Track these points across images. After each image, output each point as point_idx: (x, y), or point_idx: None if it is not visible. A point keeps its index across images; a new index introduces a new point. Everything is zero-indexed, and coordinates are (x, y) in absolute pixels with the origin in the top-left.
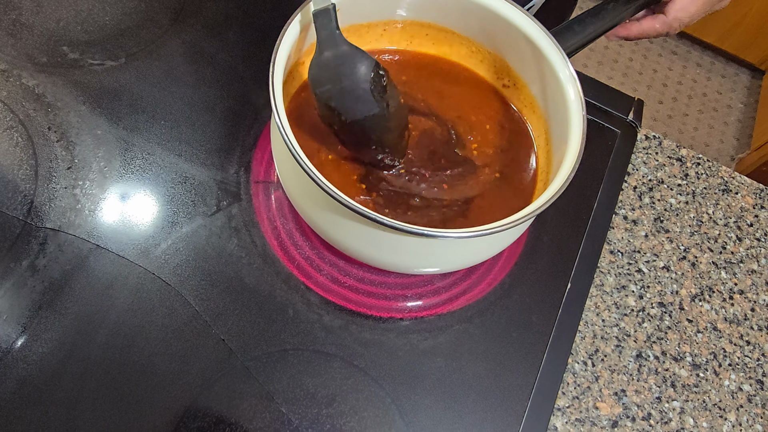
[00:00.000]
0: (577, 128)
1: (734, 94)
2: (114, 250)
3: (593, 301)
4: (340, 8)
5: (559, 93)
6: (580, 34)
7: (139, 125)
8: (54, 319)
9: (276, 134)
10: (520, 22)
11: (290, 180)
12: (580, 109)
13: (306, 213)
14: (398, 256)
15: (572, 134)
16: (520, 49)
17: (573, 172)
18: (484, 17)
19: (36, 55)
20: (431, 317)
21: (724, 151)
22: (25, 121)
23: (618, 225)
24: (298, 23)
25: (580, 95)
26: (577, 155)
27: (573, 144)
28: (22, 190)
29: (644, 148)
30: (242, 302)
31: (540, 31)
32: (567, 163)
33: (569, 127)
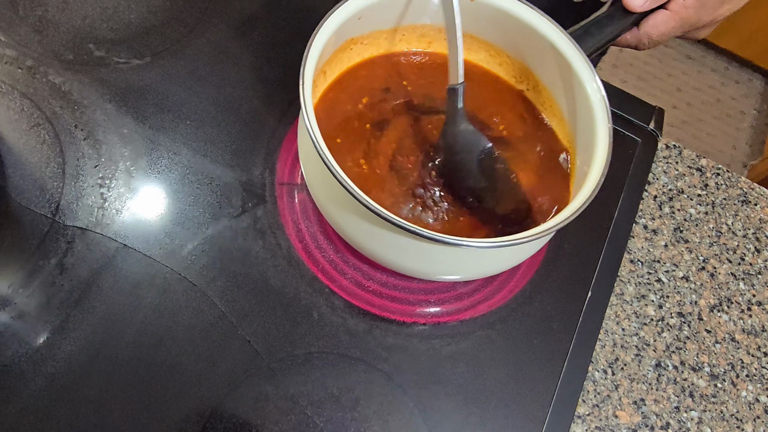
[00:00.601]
0: (603, 144)
1: (748, 100)
2: (141, 250)
3: (613, 310)
4: (362, 16)
5: (586, 105)
6: (596, 36)
7: (164, 124)
8: (82, 318)
9: (304, 138)
10: (544, 29)
11: (317, 182)
12: (607, 123)
13: (331, 216)
14: (421, 263)
15: (598, 150)
16: (543, 55)
17: (597, 189)
18: (506, 22)
19: (62, 52)
20: (454, 323)
21: (736, 158)
22: (52, 118)
23: (638, 234)
24: (331, 23)
25: (607, 111)
26: (601, 171)
27: (598, 159)
28: (50, 188)
29: (664, 158)
30: (267, 304)
31: (565, 39)
32: (591, 178)
33: (595, 142)
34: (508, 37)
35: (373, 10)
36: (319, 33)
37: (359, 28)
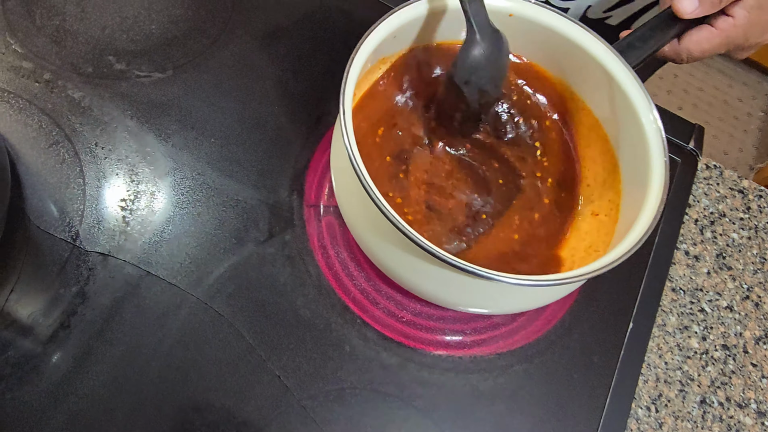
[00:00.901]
0: (657, 184)
1: (755, 102)
2: (165, 278)
3: (655, 342)
4: (396, 35)
5: (638, 138)
6: (639, 50)
7: (188, 143)
8: (105, 350)
9: (341, 162)
10: (592, 48)
11: (355, 215)
12: (663, 159)
13: (369, 246)
14: (463, 297)
15: (651, 190)
16: (589, 76)
17: (648, 232)
18: (548, 39)
19: (81, 65)
20: (491, 356)
21: (742, 161)
22: (72, 136)
23: (680, 261)
24: (368, 46)
25: (664, 148)
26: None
27: (651, 201)
28: (70, 211)
29: (705, 179)
30: (297, 336)
31: (617, 60)
32: (642, 222)
33: (647, 180)
34: (550, 57)
35: (408, 27)
36: (355, 59)
37: (393, 46)
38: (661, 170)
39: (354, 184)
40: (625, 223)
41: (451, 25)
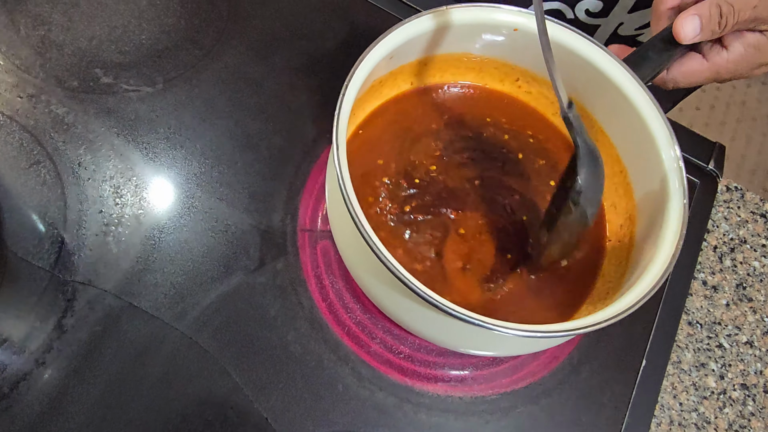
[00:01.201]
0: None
1: None
2: (148, 309)
3: (670, 381)
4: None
5: (657, 174)
6: (653, 62)
7: (176, 163)
8: (82, 390)
9: (338, 208)
10: (612, 72)
11: (355, 258)
12: (682, 202)
13: (359, 278)
14: (467, 342)
15: (666, 232)
16: (606, 100)
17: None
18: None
19: (66, 78)
20: (493, 396)
21: (761, 164)
22: (54, 155)
23: (697, 291)
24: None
25: (684, 190)
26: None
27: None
28: (50, 236)
29: (725, 201)
30: (287, 374)
31: (639, 87)
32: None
33: (663, 221)
34: (565, 76)
35: (405, 47)
36: (348, 88)
37: (389, 66)
38: (677, 217)
39: (350, 227)
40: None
41: (449, 39)
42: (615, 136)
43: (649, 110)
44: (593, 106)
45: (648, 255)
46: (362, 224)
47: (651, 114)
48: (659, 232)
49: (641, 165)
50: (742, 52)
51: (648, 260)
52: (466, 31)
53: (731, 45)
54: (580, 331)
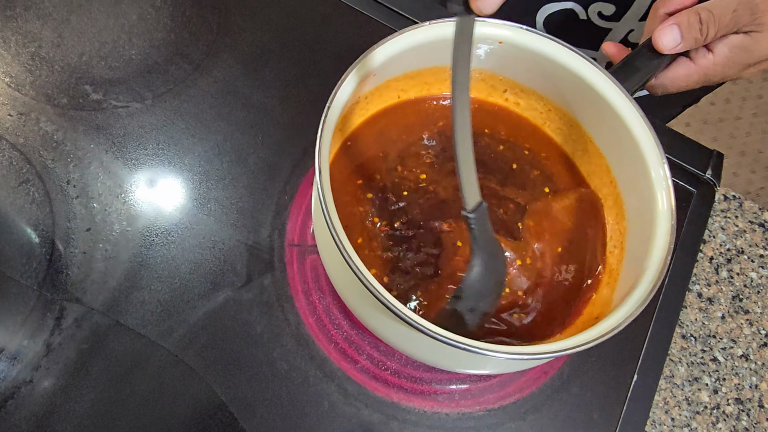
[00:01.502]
0: (660, 247)
1: None
2: (135, 327)
3: (662, 396)
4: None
5: (646, 191)
6: (642, 71)
7: (164, 179)
8: (69, 408)
9: (323, 232)
10: (607, 92)
11: (344, 284)
12: (669, 222)
13: (351, 305)
14: (454, 363)
15: (653, 251)
16: (595, 111)
17: (646, 302)
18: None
19: (56, 96)
20: (480, 412)
21: None
22: (43, 173)
23: (691, 304)
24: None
25: (672, 211)
26: (651, 288)
27: (652, 265)
28: (38, 255)
29: (722, 211)
30: (273, 391)
31: (635, 112)
32: (640, 289)
33: (651, 240)
34: (549, 84)
35: (387, 64)
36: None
37: (373, 83)
38: (665, 238)
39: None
40: (625, 289)
41: (433, 54)
42: (604, 147)
43: (639, 127)
44: (582, 118)
45: (635, 276)
46: (348, 253)
47: (641, 131)
48: (646, 252)
49: (631, 181)
50: (727, 54)
51: (634, 281)
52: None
53: (716, 48)
54: (563, 353)
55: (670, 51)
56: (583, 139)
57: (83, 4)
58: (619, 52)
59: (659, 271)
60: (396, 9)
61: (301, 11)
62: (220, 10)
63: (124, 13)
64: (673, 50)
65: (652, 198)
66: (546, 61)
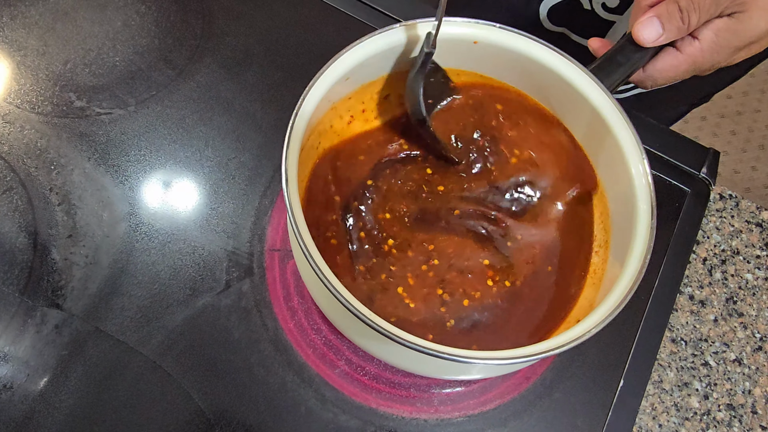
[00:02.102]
0: (640, 244)
1: None
2: (114, 334)
3: (649, 401)
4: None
5: (626, 186)
6: (624, 66)
7: (146, 185)
8: (48, 414)
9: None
10: (578, 81)
11: (320, 296)
12: (648, 219)
13: (328, 314)
14: (436, 371)
15: (634, 248)
16: (575, 108)
17: (623, 304)
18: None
19: (40, 104)
20: (460, 419)
21: None
22: (26, 180)
23: (682, 306)
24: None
25: (652, 206)
26: (628, 289)
27: (630, 267)
28: (20, 262)
29: (717, 210)
30: (250, 397)
31: (614, 108)
32: (619, 289)
33: (632, 236)
34: (530, 83)
35: (362, 67)
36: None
37: (347, 88)
38: (644, 237)
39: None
40: (607, 290)
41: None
42: (586, 144)
43: (618, 122)
44: (563, 115)
45: (614, 276)
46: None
47: (620, 126)
48: (626, 251)
49: (613, 178)
50: (714, 39)
51: (612, 282)
52: None
53: (701, 33)
54: (533, 358)
55: (652, 44)
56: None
57: (69, 12)
58: (602, 47)
59: (638, 271)
60: (381, 9)
61: (285, 14)
62: (204, 15)
63: (109, 20)
64: (656, 42)
65: (633, 195)
66: (523, 58)
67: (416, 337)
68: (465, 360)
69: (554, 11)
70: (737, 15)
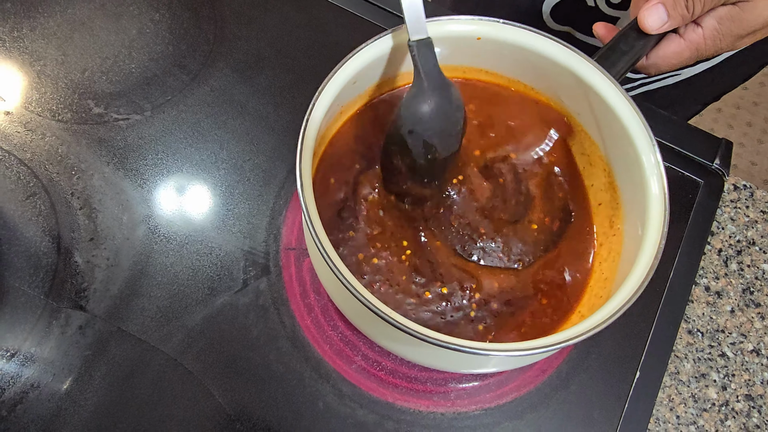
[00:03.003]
0: (653, 235)
1: None
2: (135, 333)
3: (666, 393)
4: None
5: (639, 178)
6: (629, 53)
7: (163, 188)
8: (73, 412)
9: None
10: (595, 81)
11: (335, 291)
12: (662, 210)
13: (351, 317)
14: (452, 364)
15: (646, 242)
16: (583, 101)
17: (636, 295)
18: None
19: (60, 111)
20: (477, 412)
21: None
22: (48, 186)
23: (698, 298)
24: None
25: (665, 197)
26: (641, 280)
27: (643, 258)
28: (44, 265)
29: (732, 201)
30: (268, 393)
31: (622, 98)
32: (636, 273)
33: (644, 232)
34: (536, 77)
35: (369, 69)
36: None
37: (355, 91)
38: (657, 228)
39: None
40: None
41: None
42: (596, 137)
43: (628, 113)
44: (572, 108)
45: (627, 268)
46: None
47: (629, 117)
48: (640, 243)
49: (625, 170)
50: (717, 27)
51: (626, 273)
52: None
53: (704, 21)
54: (547, 350)
55: (656, 31)
56: (575, 128)
57: (86, 21)
58: (608, 33)
59: (650, 263)
60: (389, 9)
61: (295, 17)
62: (216, 20)
63: (125, 28)
64: (660, 30)
65: (645, 186)
66: (527, 52)
67: (438, 333)
68: (485, 353)
69: (558, 10)
70: (741, 4)
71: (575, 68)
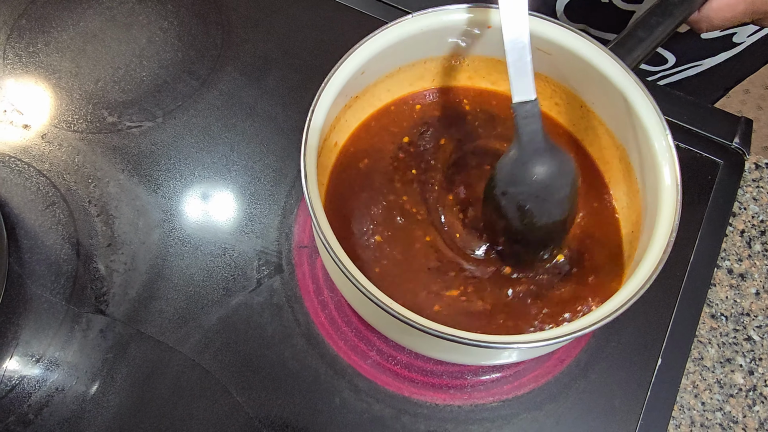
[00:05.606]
0: (664, 224)
1: None
2: (154, 335)
3: (690, 380)
4: (396, 49)
5: (652, 164)
6: (646, 40)
7: (177, 191)
8: (97, 414)
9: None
10: (605, 66)
11: (345, 288)
12: (674, 195)
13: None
14: (464, 358)
15: (660, 223)
16: (598, 90)
17: (649, 283)
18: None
19: (75, 122)
20: (494, 404)
21: None
22: (67, 195)
23: (721, 281)
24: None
25: (677, 181)
26: (654, 266)
27: (656, 245)
28: (65, 272)
29: (754, 180)
30: (285, 390)
31: (633, 83)
32: (644, 268)
33: (657, 213)
34: (551, 66)
35: (376, 60)
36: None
37: (363, 82)
38: (670, 211)
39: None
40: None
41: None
42: (611, 124)
43: (639, 97)
44: (585, 95)
45: (641, 255)
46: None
47: (641, 102)
48: (653, 229)
49: (639, 156)
50: None
51: (639, 260)
52: (439, 35)
53: None
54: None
55: None
56: (588, 116)
57: (97, 33)
58: None
59: (662, 249)
60: (394, 4)
61: (301, 17)
62: (224, 25)
63: (135, 38)
64: None
65: (658, 171)
66: (538, 40)
67: (454, 329)
68: (503, 346)
69: (572, 7)
70: None
71: (586, 55)
